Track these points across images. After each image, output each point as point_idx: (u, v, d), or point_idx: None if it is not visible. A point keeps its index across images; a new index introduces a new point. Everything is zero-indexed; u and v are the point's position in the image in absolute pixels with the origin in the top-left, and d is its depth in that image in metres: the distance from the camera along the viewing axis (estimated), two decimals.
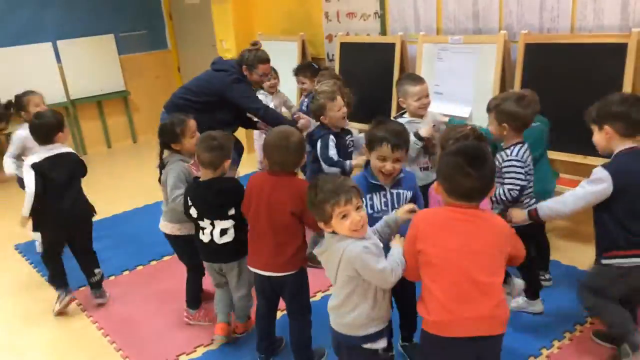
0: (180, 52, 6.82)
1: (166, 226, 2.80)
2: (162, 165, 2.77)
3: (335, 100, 3.02)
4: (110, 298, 3.26)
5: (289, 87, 4.63)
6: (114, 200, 4.62)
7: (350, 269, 1.86)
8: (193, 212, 2.52)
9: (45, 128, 3.03)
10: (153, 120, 4.16)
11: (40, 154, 3.03)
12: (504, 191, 2.43)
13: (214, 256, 2.58)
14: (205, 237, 2.53)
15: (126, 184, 5.16)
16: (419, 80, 3.05)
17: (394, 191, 2.23)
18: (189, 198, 2.54)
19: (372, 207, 2.21)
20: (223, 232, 2.49)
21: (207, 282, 2.89)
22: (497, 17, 3.58)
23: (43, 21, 5.92)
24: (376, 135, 2.21)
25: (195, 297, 2.94)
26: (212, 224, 2.49)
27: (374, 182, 2.22)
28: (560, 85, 3.16)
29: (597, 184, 2.18)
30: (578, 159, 3.17)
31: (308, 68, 4.23)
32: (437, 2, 3.88)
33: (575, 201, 2.24)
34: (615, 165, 2.19)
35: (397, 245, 1.97)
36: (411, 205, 2.07)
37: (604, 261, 2.25)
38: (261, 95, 4.25)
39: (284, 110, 4.44)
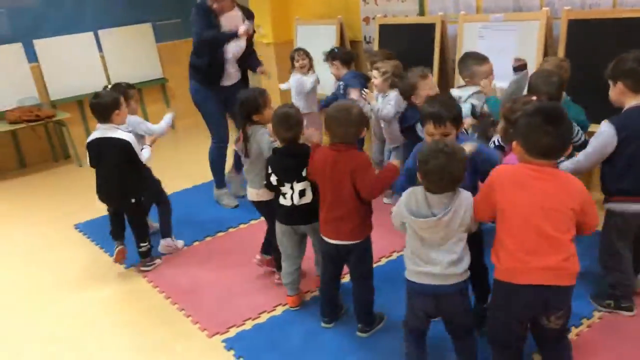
0: None
1: (251, 194, 3.06)
2: (245, 138, 2.97)
3: (427, 79, 3.03)
4: (170, 269, 3.48)
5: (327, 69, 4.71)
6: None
7: (470, 215, 2.06)
8: (273, 179, 2.71)
9: (102, 107, 3.22)
10: (190, 106, 4.31)
11: (95, 132, 3.28)
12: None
13: (295, 218, 2.76)
14: (286, 202, 2.72)
15: (167, 168, 5.34)
16: (484, 59, 3.18)
17: None
18: (269, 167, 2.73)
19: None
20: (301, 193, 2.68)
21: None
22: None
23: (84, 12, 6.11)
24: (422, 113, 2.39)
25: (270, 245, 3.16)
26: (292, 188, 2.67)
27: None
28: (603, 61, 3.22)
29: (604, 137, 2.37)
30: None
31: (334, 56, 4.25)
32: None
33: (589, 157, 2.44)
34: (620, 120, 2.38)
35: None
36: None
37: (605, 205, 2.47)
38: (294, 76, 4.44)
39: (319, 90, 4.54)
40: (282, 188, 2.71)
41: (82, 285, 3.48)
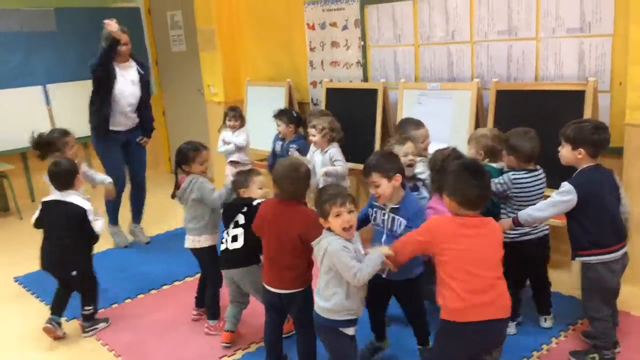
0: (165, 96, 7.09)
1: (193, 241, 3.17)
2: (177, 186, 3.16)
3: (404, 145, 3.00)
4: (114, 323, 3.44)
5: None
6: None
7: (329, 260, 2.29)
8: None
9: (63, 175, 3.24)
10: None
11: (54, 194, 3.30)
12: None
13: (227, 263, 2.93)
14: (222, 246, 2.92)
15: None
16: (419, 124, 3.42)
17: (392, 215, 2.56)
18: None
19: (374, 219, 2.63)
20: (234, 238, 2.86)
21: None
22: (470, 67, 4.02)
23: (34, 66, 6.13)
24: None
25: (216, 308, 3.25)
26: (228, 233, 2.87)
27: (374, 202, 2.62)
28: (527, 127, 3.55)
29: (565, 195, 2.61)
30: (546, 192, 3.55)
31: (285, 114, 4.46)
32: (414, 53, 4.32)
33: (547, 208, 2.66)
34: (579, 179, 2.63)
35: (376, 250, 2.34)
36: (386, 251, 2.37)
37: (579, 259, 2.67)
38: (225, 132, 4.65)
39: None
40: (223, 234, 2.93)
41: (26, 343, 3.37)
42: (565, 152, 2.69)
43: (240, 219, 2.88)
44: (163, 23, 6.73)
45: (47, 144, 3.69)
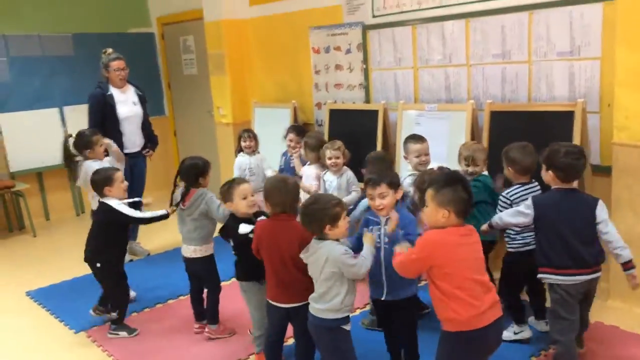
0: (176, 117, 7.32)
1: (195, 250, 3.34)
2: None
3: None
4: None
5: (282, 149, 5.06)
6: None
7: (334, 266, 2.42)
8: None
9: (94, 183, 3.49)
10: (155, 179, 4.60)
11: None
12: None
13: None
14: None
15: None
16: (420, 139, 3.59)
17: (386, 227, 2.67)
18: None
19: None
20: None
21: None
22: (466, 89, 4.16)
23: (52, 89, 6.40)
24: (364, 179, 2.76)
25: (215, 313, 3.41)
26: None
27: (370, 217, 2.74)
28: None
29: (525, 209, 2.77)
30: None
31: (300, 129, 4.72)
32: (414, 76, 4.48)
33: (513, 216, 2.83)
34: (541, 199, 2.77)
35: (367, 243, 2.53)
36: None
37: (540, 276, 2.77)
38: (240, 157, 4.74)
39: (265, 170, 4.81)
40: None
41: (34, 354, 3.50)
42: (542, 172, 2.81)
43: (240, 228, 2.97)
44: (176, 47, 6.99)
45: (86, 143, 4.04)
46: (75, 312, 3.91)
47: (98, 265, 3.46)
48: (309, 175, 4.14)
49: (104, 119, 4.67)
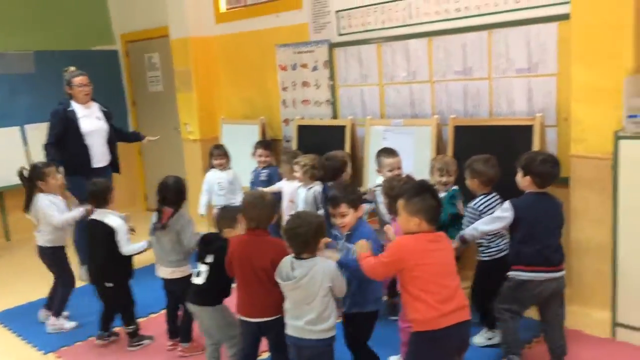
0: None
1: (173, 272, 3.36)
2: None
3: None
4: (99, 355, 3.55)
5: (251, 165, 5.09)
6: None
7: (330, 281, 2.46)
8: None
9: (97, 193, 3.49)
10: (119, 197, 4.51)
11: (94, 214, 3.52)
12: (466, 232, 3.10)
13: (191, 297, 3.04)
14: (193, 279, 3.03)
15: None
16: (392, 153, 3.71)
17: (346, 243, 2.77)
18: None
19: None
20: (198, 274, 2.99)
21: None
22: (430, 104, 4.30)
23: (13, 108, 6.29)
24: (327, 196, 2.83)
25: (188, 332, 3.42)
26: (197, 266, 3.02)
27: (333, 231, 2.83)
28: None
29: (504, 212, 2.90)
30: None
31: (270, 144, 4.89)
32: (379, 92, 4.60)
33: (490, 223, 2.94)
34: (519, 201, 2.91)
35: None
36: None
37: (509, 273, 2.91)
38: (212, 172, 4.79)
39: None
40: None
41: None
42: (518, 178, 2.98)
43: (209, 257, 2.97)
44: (140, 65, 6.97)
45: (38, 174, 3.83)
46: (43, 333, 3.84)
47: (109, 285, 3.45)
48: (286, 191, 4.21)
49: (66, 134, 4.62)
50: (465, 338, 2.46)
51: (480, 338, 3.26)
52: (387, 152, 3.74)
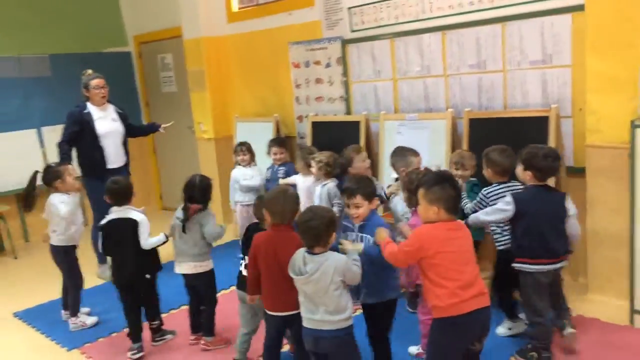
0: (156, 135, 7.27)
1: (196, 267, 3.38)
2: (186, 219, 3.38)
3: (360, 153, 3.90)
4: (116, 350, 3.58)
5: (266, 162, 5.15)
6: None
7: (341, 274, 2.49)
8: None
9: (122, 191, 3.49)
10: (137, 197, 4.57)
11: (111, 215, 3.50)
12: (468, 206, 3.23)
13: (241, 285, 3.11)
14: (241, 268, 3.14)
15: None
16: (417, 152, 3.70)
17: (360, 234, 2.81)
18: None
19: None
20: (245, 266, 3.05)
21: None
22: (444, 98, 4.34)
23: (30, 111, 6.37)
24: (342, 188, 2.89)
25: (211, 326, 3.48)
26: (244, 258, 3.07)
27: (345, 223, 2.88)
28: None
29: (506, 205, 2.93)
30: None
31: (284, 142, 4.95)
32: (393, 87, 4.64)
33: (491, 214, 2.99)
34: (521, 195, 2.95)
35: (351, 250, 2.61)
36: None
37: (514, 265, 2.97)
38: (237, 169, 4.90)
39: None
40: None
41: None
42: (519, 171, 3.03)
43: None
44: (153, 65, 7.04)
45: (55, 174, 3.86)
46: (66, 330, 3.91)
47: (148, 276, 3.48)
48: (301, 187, 4.26)
49: (82, 136, 4.68)
50: (485, 324, 2.49)
51: (502, 329, 3.28)
52: (413, 151, 3.71)
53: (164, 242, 3.51)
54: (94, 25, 6.89)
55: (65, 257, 3.86)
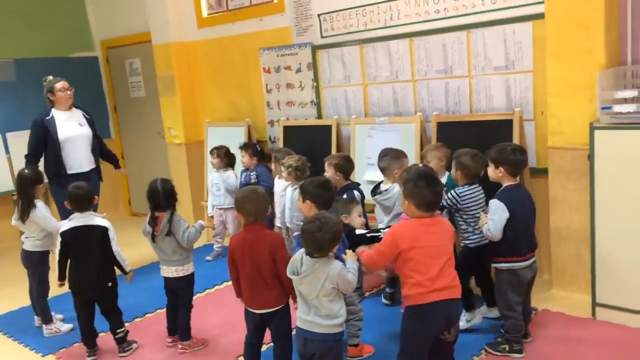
0: (124, 140, 7.27)
1: (177, 270, 3.41)
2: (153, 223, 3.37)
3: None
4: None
5: (240, 166, 5.20)
6: None
7: (333, 282, 2.52)
8: None
9: (83, 196, 3.48)
10: (102, 202, 4.52)
11: (71, 222, 3.46)
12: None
13: None
14: None
15: None
16: (405, 153, 3.77)
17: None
18: None
19: None
20: None
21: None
22: (413, 103, 4.47)
23: None
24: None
25: (187, 329, 3.51)
26: None
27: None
28: None
29: (501, 212, 3.00)
30: None
31: (250, 147, 4.98)
32: (363, 92, 4.75)
33: (497, 227, 3.00)
34: (505, 197, 3.05)
35: (350, 260, 2.63)
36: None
37: (494, 265, 3.11)
38: (212, 172, 4.94)
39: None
40: None
41: None
42: (490, 171, 3.15)
43: None
44: (121, 70, 6.99)
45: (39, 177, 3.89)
46: (39, 336, 3.88)
47: (110, 284, 3.48)
48: (277, 190, 4.38)
49: (45, 143, 4.63)
50: (451, 315, 2.57)
51: (460, 322, 3.33)
52: (402, 152, 3.76)
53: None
54: (59, 29, 6.81)
55: (40, 262, 3.83)
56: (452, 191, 3.31)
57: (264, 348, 3.09)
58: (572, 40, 3.48)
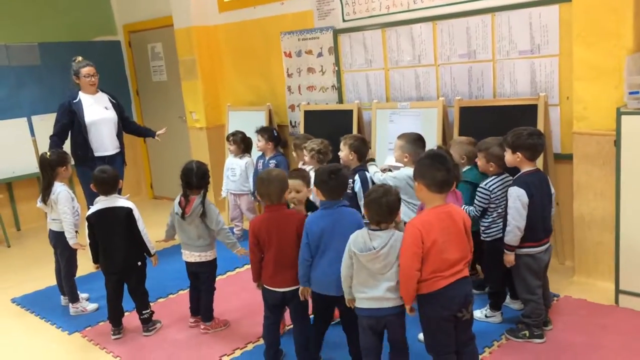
0: (146, 124, 7.25)
1: (200, 256, 3.47)
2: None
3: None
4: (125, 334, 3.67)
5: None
6: None
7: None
8: None
9: (110, 180, 3.54)
10: (125, 186, 4.57)
11: (97, 205, 3.53)
12: (471, 209, 3.25)
13: None
14: None
15: None
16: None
17: None
18: None
19: None
20: None
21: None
22: (435, 87, 4.43)
23: (19, 100, 6.37)
24: None
25: (211, 311, 3.57)
26: None
27: None
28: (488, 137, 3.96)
29: (522, 198, 2.97)
30: None
31: (266, 131, 5.00)
32: (385, 76, 4.72)
33: (519, 219, 2.97)
34: (522, 183, 3.01)
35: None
36: None
37: (518, 252, 3.07)
38: (229, 158, 5.03)
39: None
40: None
41: (33, 357, 3.54)
42: (508, 156, 3.11)
43: None
44: (144, 55, 7.04)
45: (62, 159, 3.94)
46: (66, 315, 3.98)
47: (139, 263, 3.55)
48: None
49: (72, 126, 4.73)
50: (468, 292, 2.55)
51: (479, 313, 3.33)
52: (423, 139, 3.70)
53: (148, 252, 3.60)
54: (83, 14, 6.88)
55: (67, 243, 3.90)
56: (481, 187, 3.24)
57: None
58: (600, 24, 3.42)
